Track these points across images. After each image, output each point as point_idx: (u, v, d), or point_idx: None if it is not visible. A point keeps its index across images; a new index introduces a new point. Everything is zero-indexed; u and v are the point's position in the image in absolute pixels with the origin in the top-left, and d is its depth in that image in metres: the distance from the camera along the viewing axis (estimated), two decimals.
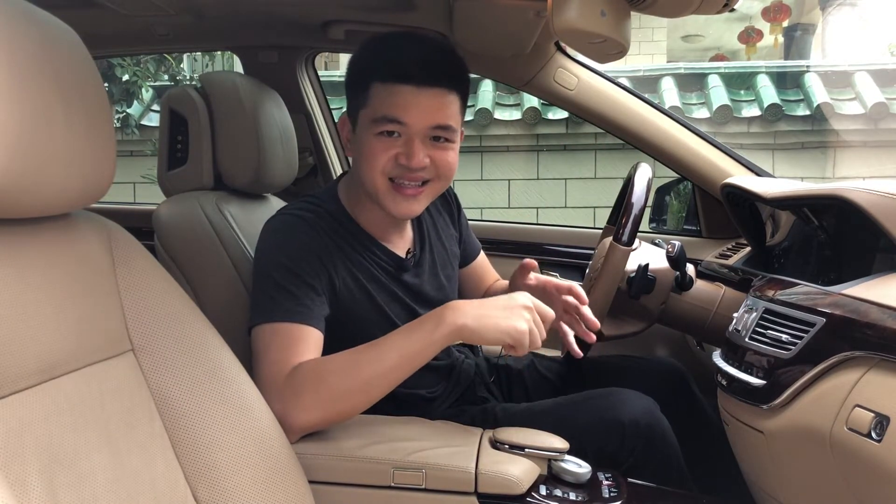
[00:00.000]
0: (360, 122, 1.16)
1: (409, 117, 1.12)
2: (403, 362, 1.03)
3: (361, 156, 1.16)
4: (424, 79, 1.11)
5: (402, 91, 1.11)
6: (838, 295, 0.95)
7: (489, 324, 1.01)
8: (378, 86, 1.12)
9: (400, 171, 1.14)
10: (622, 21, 1.00)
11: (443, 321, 1.02)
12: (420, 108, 1.12)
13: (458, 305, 1.03)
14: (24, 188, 0.71)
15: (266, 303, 1.10)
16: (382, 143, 1.13)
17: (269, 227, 1.20)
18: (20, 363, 0.71)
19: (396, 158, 1.13)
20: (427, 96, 1.12)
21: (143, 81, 4.76)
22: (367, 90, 1.14)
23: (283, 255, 1.13)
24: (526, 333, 1.00)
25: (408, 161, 1.13)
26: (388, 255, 1.24)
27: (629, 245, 1.36)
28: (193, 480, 0.86)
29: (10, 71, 0.68)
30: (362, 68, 1.17)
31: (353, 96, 1.18)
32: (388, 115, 1.12)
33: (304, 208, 1.21)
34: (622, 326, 1.51)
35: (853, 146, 5.12)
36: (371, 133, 1.14)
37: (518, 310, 1.02)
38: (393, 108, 1.11)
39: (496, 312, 1.02)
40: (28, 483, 0.65)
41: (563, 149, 5.30)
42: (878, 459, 0.80)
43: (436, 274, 1.33)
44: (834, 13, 7.53)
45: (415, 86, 1.11)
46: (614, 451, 1.19)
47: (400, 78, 1.11)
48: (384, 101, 1.12)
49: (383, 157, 1.13)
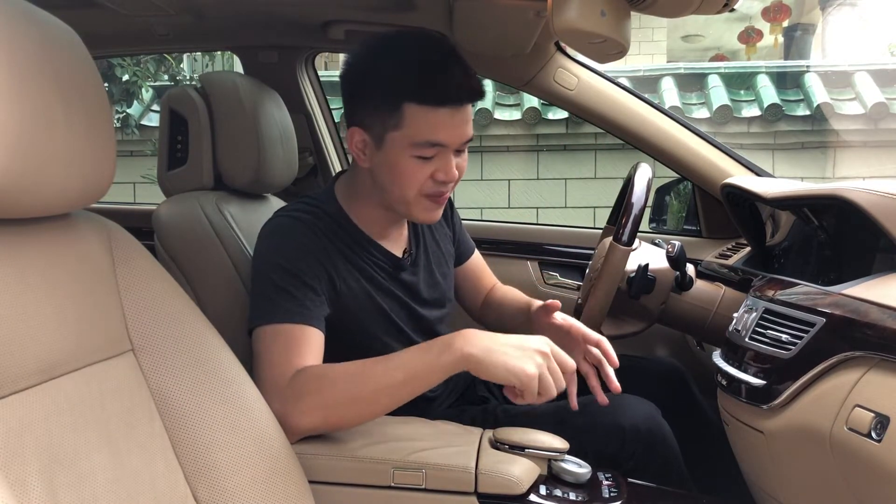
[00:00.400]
0: (391, 143, 1.12)
1: (449, 139, 1.12)
2: (408, 381, 1.00)
3: (395, 175, 1.14)
4: (461, 100, 1.11)
5: (442, 114, 1.09)
6: (838, 295, 0.95)
7: (497, 360, 0.96)
8: (414, 108, 1.09)
9: (437, 187, 1.15)
10: (622, 21, 1.00)
11: (451, 347, 0.99)
12: (458, 128, 1.12)
13: (469, 334, 1.00)
14: (24, 188, 0.71)
15: (266, 304, 1.10)
16: (421, 164, 1.12)
17: (267, 229, 1.20)
18: (20, 363, 0.71)
19: (433, 176, 1.14)
20: (462, 115, 1.12)
21: (143, 81, 4.76)
22: (398, 110, 1.10)
23: (281, 256, 1.13)
24: (534, 378, 0.95)
25: (446, 177, 1.14)
26: (386, 255, 1.25)
27: (629, 245, 1.36)
28: (193, 480, 0.86)
29: (10, 71, 0.68)
30: (388, 86, 1.11)
31: (378, 113, 1.12)
32: (432, 139, 1.10)
33: (302, 209, 1.21)
34: (622, 326, 1.51)
35: (853, 146, 5.12)
36: (407, 155, 1.12)
37: (531, 353, 0.97)
38: (436, 133, 1.10)
39: (507, 350, 0.97)
40: (28, 483, 0.65)
41: (563, 149, 5.30)
42: (878, 459, 0.80)
43: (431, 272, 1.33)
44: (834, 13, 7.53)
45: (452, 108, 1.10)
46: (614, 454, 1.20)
47: (439, 102, 1.09)
48: (423, 125, 1.10)
49: (422, 177, 1.13)
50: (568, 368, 0.99)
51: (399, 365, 1.01)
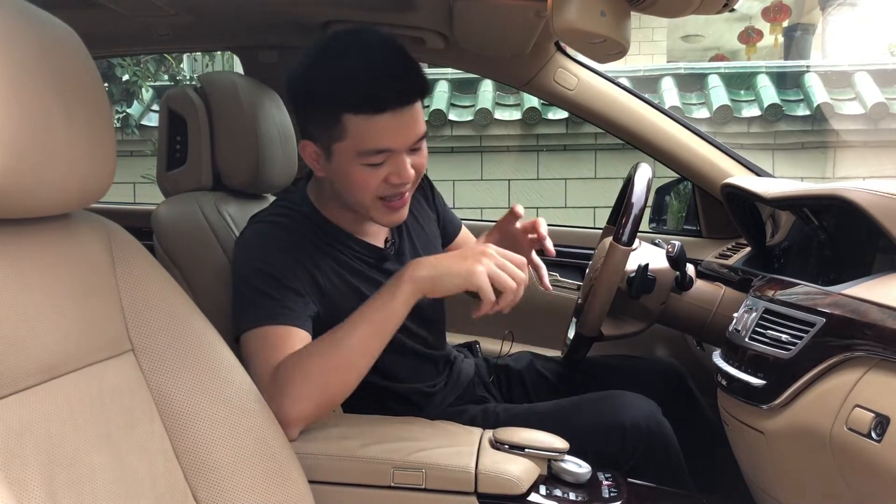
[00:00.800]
0: (339, 154, 1.11)
1: (396, 142, 1.09)
2: (375, 329, 1.05)
3: (348, 183, 1.13)
4: (401, 102, 1.07)
5: (383, 120, 1.07)
6: (838, 295, 0.95)
7: (444, 270, 1.04)
8: (352, 118, 1.06)
9: (392, 189, 1.14)
10: (622, 21, 1.00)
11: (401, 278, 1.05)
12: (404, 129, 1.09)
13: (416, 261, 1.07)
14: (24, 188, 0.71)
15: (249, 309, 1.11)
16: (372, 171, 1.11)
17: (245, 236, 1.20)
18: (20, 363, 0.70)
19: (386, 179, 1.12)
20: (407, 116, 1.09)
21: (143, 81, 4.76)
22: (339, 122, 1.07)
23: (260, 261, 1.13)
24: (482, 275, 1.02)
25: (399, 179, 1.12)
26: (367, 248, 1.25)
27: (629, 245, 1.36)
28: (193, 480, 0.86)
29: (10, 71, 0.68)
30: (327, 97, 1.09)
31: (318, 123, 1.11)
32: (377, 147, 1.08)
33: (278, 213, 1.21)
34: (622, 326, 1.51)
35: (853, 146, 5.12)
36: (357, 164, 1.10)
37: (474, 255, 1.04)
38: (380, 139, 1.08)
39: (452, 260, 1.05)
40: (28, 483, 0.65)
41: (563, 149, 5.29)
42: (878, 459, 0.80)
43: (418, 257, 1.33)
44: (834, 13, 7.54)
45: (393, 112, 1.07)
46: (615, 453, 1.19)
47: (378, 110, 1.06)
48: (365, 134, 1.07)
49: (374, 183, 1.12)
50: (517, 260, 1.07)
51: (361, 319, 1.05)
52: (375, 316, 1.05)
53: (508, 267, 1.05)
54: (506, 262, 1.05)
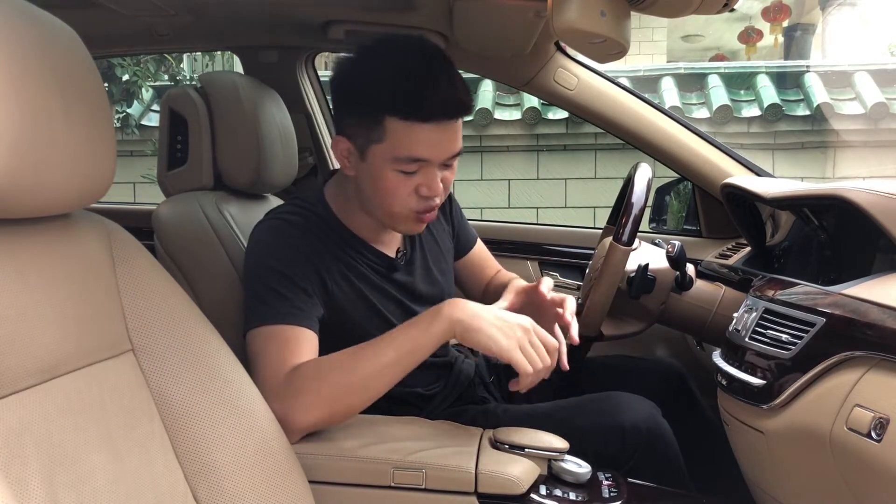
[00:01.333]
0: (374, 155, 1.11)
1: (433, 155, 1.10)
2: (401, 358, 1.04)
3: (377, 188, 1.14)
4: (446, 116, 1.09)
5: (425, 130, 1.07)
6: (838, 295, 0.95)
7: (482, 326, 1.02)
8: (396, 122, 1.07)
9: (423, 203, 1.14)
10: (622, 21, 1.00)
11: (439, 315, 1.04)
12: (442, 144, 1.10)
13: (457, 302, 1.05)
14: (24, 188, 0.71)
15: (259, 307, 1.11)
16: (403, 179, 1.11)
17: (258, 232, 1.20)
18: (20, 363, 0.70)
19: (417, 190, 1.13)
20: (448, 131, 1.10)
21: (143, 81, 4.76)
22: (380, 124, 1.08)
23: (272, 259, 1.13)
24: (517, 352, 1.01)
25: (430, 192, 1.13)
26: (379, 256, 1.25)
27: (629, 245, 1.36)
28: (193, 480, 0.86)
29: (10, 71, 0.68)
30: (372, 98, 1.09)
31: (359, 123, 1.11)
32: (414, 155, 1.09)
33: (292, 212, 1.21)
34: (622, 326, 1.51)
35: (853, 146, 5.12)
36: (390, 169, 1.11)
37: (513, 326, 1.03)
38: (418, 149, 1.09)
39: (491, 319, 1.03)
40: (28, 483, 0.65)
41: (563, 149, 5.29)
42: (878, 459, 0.80)
43: (428, 270, 1.33)
44: (834, 13, 7.53)
45: (436, 124, 1.08)
46: (614, 453, 1.19)
47: (422, 119, 1.07)
48: (405, 140, 1.08)
49: (404, 192, 1.12)
50: (550, 345, 1.06)
51: (389, 345, 1.04)
52: (404, 345, 1.04)
53: (540, 348, 1.04)
54: (538, 344, 1.04)
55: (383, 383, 1.04)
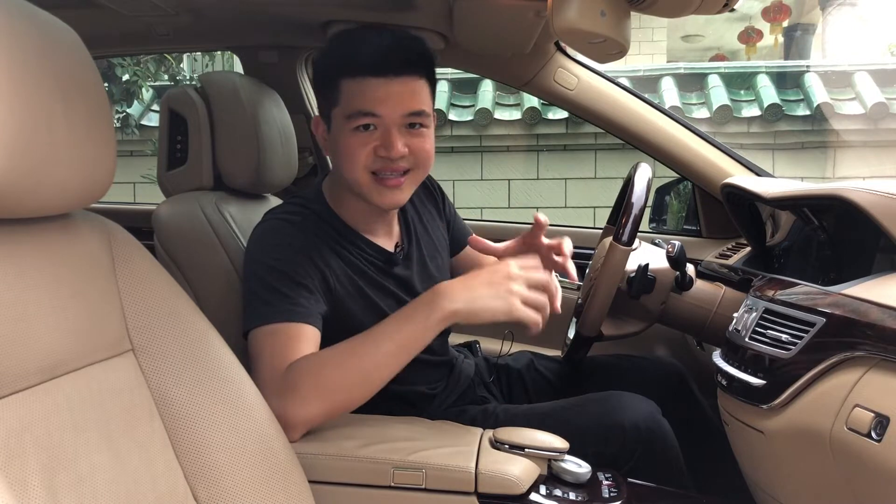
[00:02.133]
0: (335, 121, 1.17)
1: (382, 108, 1.13)
2: (399, 350, 1.04)
3: (340, 154, 1.17)
4: (393, 69, 1.12)
5: (372, 84, 1.12)
6: (838, 295, 0.95)
7: (479, 307, 1.03)
8: (347, 82, 1.13)
9: (381, 163, 1.15)
10: (622, 21, 1.00)
11: (435, 307, 1.04)
12: (392, 98, 1.13)
13: (448, 290, 1.04)
14: (24, 188, 0.71)
15: (260, 306, 1.11)
16: (359, 137, 1.14)
17: (257, 232, 1.21)
18: (20, 363, 0.71)
19: (375, 151, 1.14)
20: (397, 85, 1.13)
21: (143, 81, 4.77)
22: (336, 88, 1.14)
23: (272, 257, 1.14)
24: (520, 309, 1.02)
25: (387, 152, 1.14)
26: (377, 251, 1.25)
27: (629, 245, 1.36)
28: (193, 480, 0.86)
29: (10, 71, 0.68)
30: (329, 66, 1.17)
31: (324, 96, 1.19)
32: (362, 108, 1.13)
33: (291, 211, 1.22)
34: (622, 326, 1.51)
35: (853, 146, 5.12)
36: (347, 129, 1.14)
37: (504, 284, 1.04)
38: (365, 101, 1.12)
39: (484, 292, 1.03)
40: (28, 483, 0.65)
41: (563, 149, 5.30)
42: (878, 459, 0.80)
43: (425, 265, 1.33)
44: (834, 13, 7.53)
45: (384, 77, 1.12)
46: (615, 454, 1.19)
47: (368, 71, 1.12)
48: (356, 96, 1.13)
49: (362, 152, 1.14)
50: (542, 281, 1.06)
51: (387, 338, 1.05)
52: (403, 337, 1.05)
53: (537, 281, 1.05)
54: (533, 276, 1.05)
55: (381, 376, 1.05)
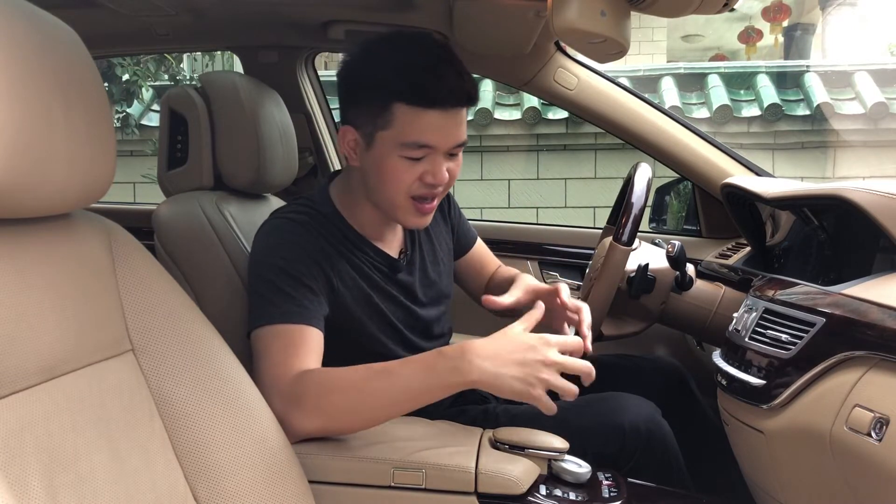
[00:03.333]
0: (381, 142, 1.12)
1: (438, 141, 1.11)
2: (411, 397, 1.01)
3: (382, 175, 1.14)
4: (452, 104, 1.11)
5: (430, 116, 1.09)
6: (838, 295, 0.95)
7: (503, 384, 0.97)
8: (402, 108, 1.09)
9: (425, 189, 1.14)
10: (622, 21, 1.00)
11: (460, 371, 0.98)
12: (448, 130, 1.12)
13: (476, 357, 0.98)
14: (24, 188, 0.71)
15: (264, 306, 1.10)
16: (408, 164, 1.12)
17: (263, 231, 1.20)
18: (20, 363, 0.71)
19: (421, 178, 1.13)
20: (453, 118, 1.12)
21: (143, 81, 4.77)
22: (387, 110, 1.10)
23: (278, 257, 1.13)
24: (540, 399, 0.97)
25: (434, 179, 1.13)
26: (382, 256, 1.25)
27: (629, 245, 1.36)
28: (193, 480, 0.86)
29: (10, 71, 0.68)
30: (380, 85, 1.11)
31: (367, 112, 1.13)
32: (420, 141, 1.10)
33: (298, 211, 1.21)
34: (622, 326, 1.51)
35: (853, 146, 5.12)
36: (396, 155, 1.12)
37: (535, 368, 0.97)
38: (423, 134, 1.10)
39: (512, 371, 0.97)
40: (28, 483, 0.65)
41: (563, 149, 5.29)
42: (878, 459, 0.80)
43: (426, 271, 1.33)
44: (834, 13, 7.53)
45: (442, 110, 1.10)
46: (614, 454, 1.19)
47: (429, 104, 1.09)
48: (411, 126, 1.10)
49: (409, 179, 1.13)
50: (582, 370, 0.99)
51: (403, 383, 1.00)
52: (418, 386, 1.00)
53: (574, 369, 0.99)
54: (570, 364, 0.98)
55: (386, 415, 1.03)
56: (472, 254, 1.51)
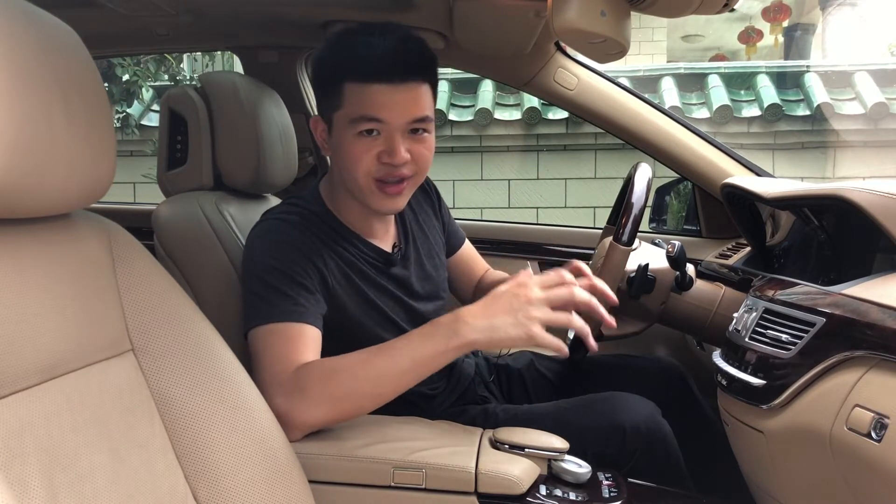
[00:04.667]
0: (337, 124, 1.15)
1: (387, 114, 1.12)
2: (413, 368, 1.03)
3: (343, 157, 1.16)
4: (398, 75, 1.11)
5: (377, 90, 1.10)
6: (838, 295, 0.95)
7: (500, 336, 0.99)
8: (351, 86, 1.12)
9: (385, 170, 1.14)
10: (622, 21, 1.00)
11: (456, 333, 1.00)
12: (397, 104, 1.12)
13: (469, 318, 1.01)
14: (24, 188, 0.71)
15: (260, 305, 1.11)
16: (363, 142, 1.13)
17: (256, 232, 1.21)
18: (20, 363, 0.71)
19: (379, 157, 1.13)
20: (402, 91, 1.12)
21: (143, 81, 4.77)
22: (339, 91, 1.13)
23: (271, 257, 1.14)
24: (540, 336, 0.98)
25: (391, 158, 1.13)
26: (375, 251, 1.25)
27: (629, 245, 1.36)
28: (193, 480, 0.86)
29: (10, 71, 0.68)
30: (331, 68, 1.15)
31: (325, 97, 1.17)
32: (367, 114, 1.11)
33: (288, 211, 1.22)
34: (622, 326, 1.51)
35: (853, 146, 5.12)
36: (350, 134, 1.13)
37: (524, 310, 0.99)
38: (370, 107, 1.11)
39: (504, 320, 0.99)
40: (28, 483, 0.65)
41: (563, 149, 5.29)
42: (878, 459, 0.80)
43: (422, 265, 1.33)
44: (834, 13, 7.54)
45: (389, 83, 1.10)
46: (615, 455, 1.19)
47: (374, 77, 1.10)
48: (360, 101, 1.11)
49: (366, 158, 1.13)
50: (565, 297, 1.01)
51: (404, 354, 1.03)
52: (420, 356, 1.02)
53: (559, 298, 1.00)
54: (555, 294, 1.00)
55: (392, 391, 1.04)
56: (461, 254, 1.51)
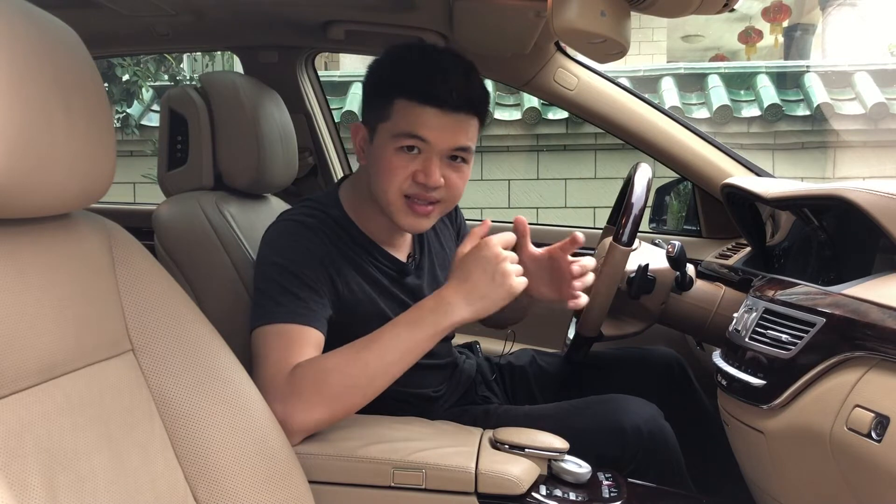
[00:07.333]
0: (379, 134, 1.15)
1: (433, 137, 1.12)
2: (404, 356, 1.05)
3: (378, 168, 1.16)
4: (451, 104, 1.12)
5: (429, 113, 1.11)
6: (838, 295, 0.95)
7: (487, 304, 1.06)
8: (402, 102, 1.12)
9: (416, 189, 1.15)
10: (622, 21, 1.00)
11: (444, 315, 1.05)
12: (444, 129, 1.12)
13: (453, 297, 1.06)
14: (24, 188, 0.71)
15: (268, 305, 1.11)
16: (402, 158, 1.13)
17: (272, 232, 1.20)
18: (20, 363, 0.71)
19: (414, 176, 1.14)
20: (453, 119, 1.13)
21: (143, 81, 4.76)
22: (389, 104, 1.13)
23: (284, 258, 1.14)
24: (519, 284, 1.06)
25: (425, 179, 1.13)
26: (390, 260, 1.25)
27: (629, 245, 1.36)
28: (193, 480, 0.86)
29: (10, 71, 0.68)
30: (385, 80, 1.16)
31: (373, 106, 1.17)
32: (413, 132, 1.12)
33: (307, 213, 1.21)
34: (622, 326, 1.51)
35: (853, 146, 5.12)
36: (391, 147, 1.13)
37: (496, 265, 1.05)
38: (417, 126, 1.12)
39: (484, 285, 1.05)
40: (28, 483, 0.65)
41: (563, 149, 5.29)
42: (878, 459, 0.80)
43: (435, 275, 1.33)
44: (834, 13, 7.53)
45: (440, 109, 1.11)
46: (615, 456, 1.19)
47: (427, 100, 1.11)
48: (408, 118, 1.12)
49: (402, 174, 1.14)
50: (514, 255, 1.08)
51: (393, 345, 1.05)
52: (407, 345, 1.05)
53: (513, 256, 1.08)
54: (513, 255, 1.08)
55: (385, 382, 1.05)
56: None
